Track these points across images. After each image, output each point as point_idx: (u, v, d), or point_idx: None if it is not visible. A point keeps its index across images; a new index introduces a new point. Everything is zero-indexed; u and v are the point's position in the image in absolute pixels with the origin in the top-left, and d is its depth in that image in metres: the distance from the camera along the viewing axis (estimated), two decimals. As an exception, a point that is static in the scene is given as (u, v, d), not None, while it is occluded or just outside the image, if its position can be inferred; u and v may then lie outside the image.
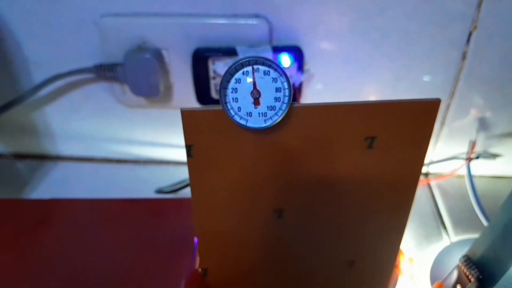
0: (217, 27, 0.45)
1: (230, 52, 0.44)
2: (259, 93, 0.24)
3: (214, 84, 0.46)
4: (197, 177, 0.28)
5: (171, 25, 0.45)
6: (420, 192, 0.53)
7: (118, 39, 0.46)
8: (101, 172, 0.57)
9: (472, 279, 0.37)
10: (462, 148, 0.52)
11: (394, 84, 0.48)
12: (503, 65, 0.46)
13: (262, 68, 0.24)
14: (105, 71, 0.47)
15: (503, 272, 0.36)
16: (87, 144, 0.57)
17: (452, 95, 0.48)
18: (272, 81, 0.24)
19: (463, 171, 0.51)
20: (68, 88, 0.52)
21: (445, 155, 0.53)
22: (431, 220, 0.49)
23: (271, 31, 0.45)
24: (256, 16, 0.45)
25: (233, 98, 0.25)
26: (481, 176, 0.55)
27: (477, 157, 0.52)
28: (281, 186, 0.29)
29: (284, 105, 0.25)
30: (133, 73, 0.45)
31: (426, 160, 0.54)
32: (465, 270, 0.39)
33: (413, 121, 0.27)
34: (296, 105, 0.25)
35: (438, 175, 0.55)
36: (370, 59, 0.47)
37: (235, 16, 0.45)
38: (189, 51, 0.45)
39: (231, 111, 0.25)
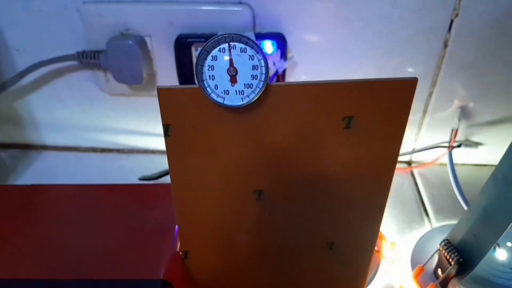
0: (200, 14, 0.45)
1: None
2: (235, 70, 0.25)
3: (197, 71, 0.46)
4: (175, 157, 0.28)
5: (154, 11, 0.45)
6: (403, 179, 0.54)
7: (101, 26, 0.46)
8: (85, 162, 0.57)
9: (453, 262, 0.38)
10: (444, 136, 0.53)
11: (376, 73, 0.48)
12: (484, 54, 0.46)
13: (238, 45, 0.24)
14: (88, 58, 0.46)
15: (482, 255, 0.36)
16: (71, 133, 0.57)
17: (434, 83, 0.49)
18: (249, 59, 0.24)
19: (446, 160, 0.52)
20: (51, 76, 0.51)
21: (428, 144, 0.54)
22: (413, 207, 0.50)
23: (254, 18, 0.45)
24: (240, 2, 0.45)
25: (209, 76, 0.25)
26: (463, 164, 0.56)
27: (459, 146, 0.52)
28: (260, 166, 0.29)
29: (261, 83, 0.25)
30: (116, 60, 0.45)
31: (409, 149, 0.54)
32: (445, 254, 0.39)
33: (391, 100, 0.27)
34: (273, 83, 0.25)
35: (420, 163, 0.56)
36: (353, 47, 0.47)
37: (218, 2, 0.45)
38: (172, 38, 0.45)
39: (208, 89, 0.25)
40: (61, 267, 0.32)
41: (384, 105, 0.27)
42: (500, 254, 0.40)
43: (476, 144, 0.53)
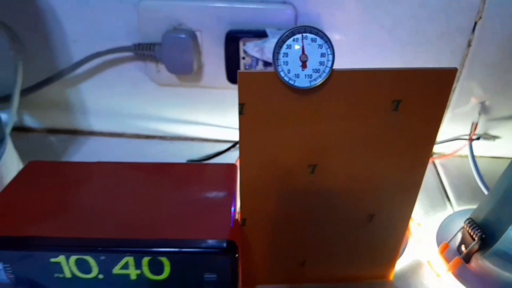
0: (247, 11, 0.49)
1: (260, 34, 0.48)
2: (306, 57, 0.29)
3: (243, 63, 0.50)
4: (246, 134, 0.33)
5: (205, 8, 0.50)
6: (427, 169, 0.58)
7: (156, 21, 0.50)
8: (130, 147, 0.61)
9: (476, 238, 0.42)
10: (464, 130, 0.57)
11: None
12: (504, 53, 0.51)
13: (310, 36, 0.29)
14: (143, 50, 0.51)
15: (503, 231, 0.41)
16: (117, 120, 0.61)
17: (457, 79, 0.53)
18: (318, 47, 0.29)
19: (465, 151, 0.56)
20: (104, 66, 0.56)
21: (449, 136, 0.58)
22: (436, 194, 0.54)
23: (296, 16, 0.49)
24: (283, 2, 0.49)
25: (284, 62, 0.29)
26: (481, 156, 0.60)
27: (478, 138, 0.57)
28: (316, 143, 0.34)
29: (327, 69, 0.29)
30: (170, 52, 0.50)
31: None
32: (469, 231, 0.44)
33: (433, 87, 0.31)
34: (336, 69, 0.30)
35: (442, 155, 0.60)
36: (383, 45, 0.52)
37: (263, 1, 0.49)
38: (220, 33, 0.50)
39: (281, 72, 0.30)
40: (140, 227, 0.36)
41: (427, 91, 0.32)
42: (518, 232, 0.44)
43: (494, 138, 0.58)
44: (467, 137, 0.56)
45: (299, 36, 0.29)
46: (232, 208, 0.39)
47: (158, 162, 0.46)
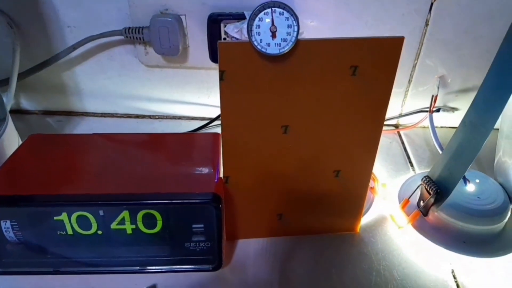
0: (227, -3, 0.54)
1: (239, 16, 0.53)
2: (275, 28, 0.34)
3: (224, 44, 0.55)
4: (226, 98, 0.38)
5: (189, -6, 0.54)
6: (392, 139, 0.64)
7: (144, 6, 0.55)
8: (122, 126, 0.66)
9: (432, 192, 0.48)
10: (426, 103, 0.63)
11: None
12: (459, 31, 0.57)
13: (278, 9, 0.34)
14: (133, 33, 0.56)
15: (454, 184, 0.46)
16: (110, 101, 0.66)
17: (417, 56, 0.59)
18: (285, 20, 0.34)
19: (427, 122, 0.62)
20: (96, 50, 0.61)
21: (412, 109, 0.64)
22: (401, 160, 0.60)
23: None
24: (260, -12, 0.54)
25: (256, 32, 0.35)
26: (442, 127, 0.66)
27: (438, 110, 0.63)
28: (287, 105, 0.39)
29: (294, 38, 0.35)
30: (158, 35, 0.55)
31: (397, 113, 0.65)
32: (426, 187, 0.50)
33: (384, 53, 0.37)
34: (301, 38, 0.35)
35: (406, 126, 0.67)
36: (352, 27, 0.57)
37: (242, -12, 0.54)
38: (203, 17, 0.55)
39: (255, 42, 0.35)
40: (135, 184, 0.41)
41: (379, 57, 0.37)
42: (470, 187, 0.50)
43: (453, 109, 0.64)
44: (428, 109, 0.62)
45: (269, 10, 0.34)
46: (217, 168, 0.44)
47: (151, 133, 0.51)
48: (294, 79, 0.37)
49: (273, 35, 0.35)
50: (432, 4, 0.55)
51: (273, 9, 0.34)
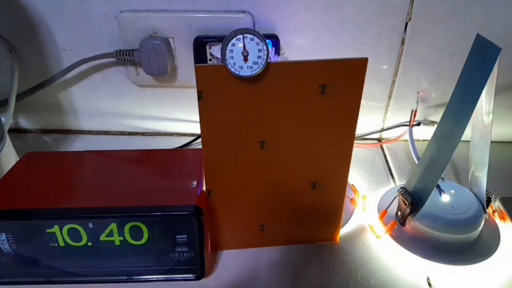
0: (212, 20, 0.58)
1: (223, 38, 0.56)
2: (247, 52, 0.37)
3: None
4: (205, 116, 0.41)
5: (176, 18, 0.58)
6: (374, 152, 0.67)
7: (134, 30, 0.59)
8: (115, 143, 0.69)
9: (407, 203, 0.50)
10: (407, 117, 0.66)
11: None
12: (435, 47, 0.60)
13: (249, 35, 0.37)
14: (124, 55, 0.59)
15: (428, 194, 0.48)
16: (104, 119, 0.69)
17: (396, 73, 0.62)
18: (256, 45, 0.37)
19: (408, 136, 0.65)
20: (90, 71, 0.64)
21: (394, 123, 0.67)
22: (382, 172, 0.63)
23: (254, 22, 0.58)
24: (243, 11, 0.58)
25: (230, 56, 0.37)
26: (424, 140, 0.69)
27: (419, 124, 0.66)
28: (263, 122, 0.42)
29: (264, 61, 0.38)
30: (147, 56, 0.58)
31: (379, 128, 0.67)
32: (402, 198, 0.52)
33: (351, 73, 0.40)
34: (271, 61, 0.38)
35: (388, 140, 0.69)
36: (330, 46, 0.60)
37: (226, 11, 0.58)
38: (191, 39, 0.58)
39: (229, 65, 0.38)
40: (122, 198, 0.44)
41: (347, 76, 0.40)
42: (445, 198, 0.52)
43: (433, 123, 0.66)
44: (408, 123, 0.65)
45: (240, 36, 0.37)
46: (200, 182, 0.47)
47: (138, 149, 0.54)
48: (267, 98, 0.40)
49: (245, 59, 0.38)
50: (407, 23, 0.58)
51: (245, 35, 0.37)
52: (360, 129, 0.69)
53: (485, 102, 0.46)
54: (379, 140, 0.70)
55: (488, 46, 0.41)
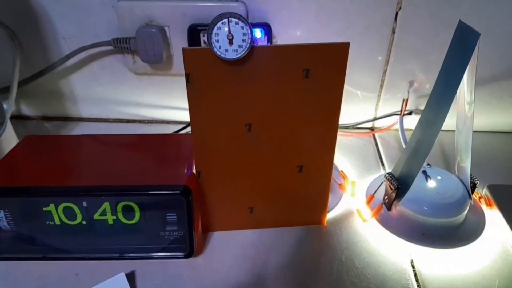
0: (206, 8, 0.59)
1: (216, 27, 0.58)
2: (232, 35, 0.39)
3: (204, 52, 0.60)
4: (193, 99, 0.42)
5: (172, 7, 0.59)
6: (367, 141, 0.68)
7: (131, 18, 0.60)
8: (114, 130, 0.71)
9: (393, 188, 0.52)
10: (399, 107, 0.67)
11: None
12: (425, 37, 0.61)
13: (234, 19, 0.38)
14: (121, 43, 0.61)
15: (413, 179, 0.50)
16: (102, 107, 0.71)
17: (387, 62, 0.63)
18: (241, 28, 0.39)
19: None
20: (89, 59, 0.66)
21: (386, 112, 0.68)
22: (373, 160, 0.64)
23: (247, 11, 0.59)
24: (237, 0, 0.59)
25: (215, 40, 0.39)
26: (415, 129, 0.70)
27: (410, 113, 0.67)
28: (249, 105, 0.43)
29: (248, 44, 0.39)
30: (143, 44, 0.60)
31: (371, 117, 0.68)
32: (388, 183, 0.53)
33: (333, 57, 0.41)
34: (256, 45, 0.40)
35: (380, 129, 0.70)
36: (321, 36, 0.61)
37: (220, 0, 0.59)
38: (185, 27, 0.60)
39: (214, 48, 0.39)
40: (114, 178, 0.46)
41: (330, 60, 0.41)
42: (431, 183, 0.53)
43: (424, 112, 0.67)
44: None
45: (225, 20, 0.38)
46: (191, 165, 0.48)
47: (133, 134, 0.56)
48: (253, 81, 0.42)
49: (230, 42, 0.39)
50: (397, 13, 0.59)
51: (230, 19, 0.38)
52: (353, 118, 0.70)
53: (466, 92, 0.47)
54: (372, 129, 0.71)
55: (469, 32, 0.42)
